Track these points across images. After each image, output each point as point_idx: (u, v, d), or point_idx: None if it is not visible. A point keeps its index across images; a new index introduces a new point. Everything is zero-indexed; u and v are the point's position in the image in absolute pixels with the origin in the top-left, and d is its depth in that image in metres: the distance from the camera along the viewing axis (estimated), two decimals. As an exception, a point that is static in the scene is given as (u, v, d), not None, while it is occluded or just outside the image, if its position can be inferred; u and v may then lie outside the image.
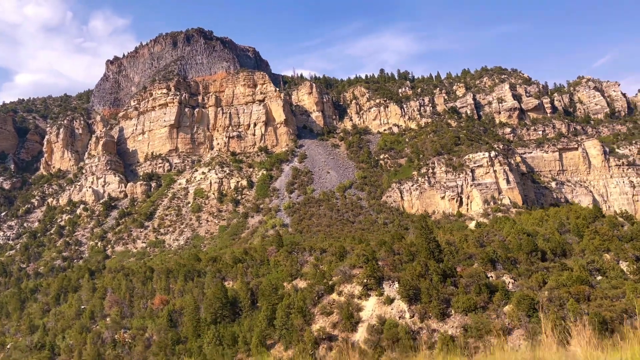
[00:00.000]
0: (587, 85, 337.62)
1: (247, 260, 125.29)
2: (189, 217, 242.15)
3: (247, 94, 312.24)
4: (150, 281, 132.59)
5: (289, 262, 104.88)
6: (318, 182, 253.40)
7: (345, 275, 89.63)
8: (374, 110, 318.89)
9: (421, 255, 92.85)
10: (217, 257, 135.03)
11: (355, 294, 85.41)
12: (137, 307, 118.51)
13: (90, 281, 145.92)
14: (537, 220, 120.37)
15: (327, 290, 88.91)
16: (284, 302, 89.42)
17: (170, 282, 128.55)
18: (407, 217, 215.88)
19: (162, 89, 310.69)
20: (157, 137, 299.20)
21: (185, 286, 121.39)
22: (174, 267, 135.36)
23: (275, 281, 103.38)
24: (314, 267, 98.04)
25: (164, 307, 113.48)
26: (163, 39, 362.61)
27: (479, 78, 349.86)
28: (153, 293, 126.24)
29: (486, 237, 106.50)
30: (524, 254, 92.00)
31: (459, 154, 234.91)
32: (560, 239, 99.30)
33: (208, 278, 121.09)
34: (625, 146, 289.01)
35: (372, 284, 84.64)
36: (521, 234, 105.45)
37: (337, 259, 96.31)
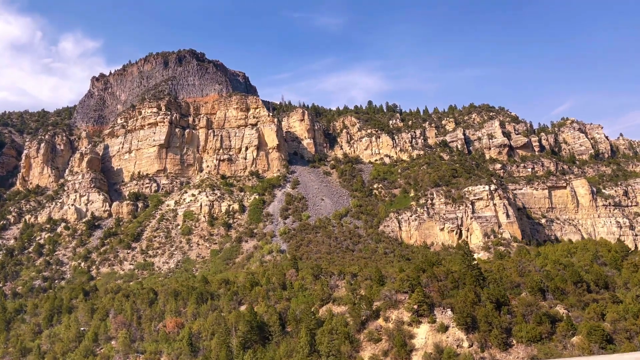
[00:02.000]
0: (571, 127, 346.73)
1: (263, 283, 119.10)
2: (179, 239, 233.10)
3: (239, 117, 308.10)
4: (156, 303, 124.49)
5: (318, 286, 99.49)
6: (312, 208, 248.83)
7: (391, 300, 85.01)
8: (366, 140, 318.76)
9: (467, 282, 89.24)
10: (229, 280, 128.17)
11: (405, 321, 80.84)
12: (148, 330, 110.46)
13: (87, 302, 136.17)
14: (565, 252, 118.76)
15: (372, 316, 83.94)
16: (325, 327, 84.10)
17: (179, 304, 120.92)
18: (407, 247, 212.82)
19: (152, 107, 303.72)
20: (145, 157, 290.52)
21: (199, 309, 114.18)
22: (182, 289, 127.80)
23: (304, 305, 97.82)
24: (351, 292, 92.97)
25: (179, 330, 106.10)
26: (154, 58, 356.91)
27: (467, 114, 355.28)
28: (161, 315, 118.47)
29: (521, 267, 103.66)
30: (570, 284, 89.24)
31: (457, 186, 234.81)
32: (600, 270, 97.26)
33: (224, 301, 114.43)
34: (611, 187, 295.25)
35: (423, 310, 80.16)
36: (557, 264, 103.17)
37: (376, 284, 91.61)
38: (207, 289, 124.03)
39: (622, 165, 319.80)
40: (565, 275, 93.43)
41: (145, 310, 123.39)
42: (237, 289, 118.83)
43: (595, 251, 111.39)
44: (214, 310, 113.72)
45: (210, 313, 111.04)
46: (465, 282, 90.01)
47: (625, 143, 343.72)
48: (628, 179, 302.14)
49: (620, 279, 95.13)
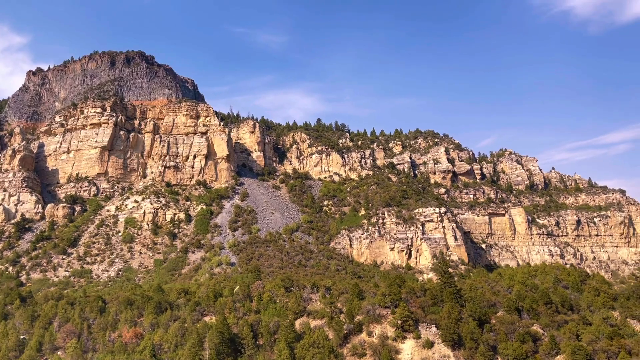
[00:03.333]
0: (510, 158, 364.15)
1: (227, 295, 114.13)
2: (120, 247, 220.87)
3: (188, 124, 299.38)
4: (107, 312, 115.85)
5: (292, 299, 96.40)
6: (262, 222, 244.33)
7: (373, 315, 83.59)
8: (316, 157, 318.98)
9: (445, 299, 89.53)
10: (188, 290, 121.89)
11: (390, 336, 79.60)
12: (102, 340, 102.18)
13: (27, 308, 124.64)
14: (526, 275, 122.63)
15: (354, 330, 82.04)
16: (306, 340, 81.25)
17: (133, 314, 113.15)
18: (357, 265, 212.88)
19: (96, 107, 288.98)
20: (85, 158, 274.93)
21: (158, 319, 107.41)
22: (136, 298, 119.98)
23: (277, 318, 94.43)
24: (328, 305, 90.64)
25: (138, 340, 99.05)
26: (99, 57, 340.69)
27: (413, 139, 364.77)
28: (114, 325, 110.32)
29: (492, 287, 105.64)
30: (542, 305, 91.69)
31: (407, 208, 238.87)
32: (565, 293, 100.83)
33: (186, 312, 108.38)
34: (545, 217, 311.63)
35: (408, 325, 79.30)
36: (524, 286, 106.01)
37: (356, 298, 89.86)
38: (165, 298, 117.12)
39: (554, 197, 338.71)
40: (535, 296, 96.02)
41: (95, 319, 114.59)
42: (199, 299, 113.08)
43: (555, 275, 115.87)
44: (175, 320, 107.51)
45: (172, 324, 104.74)
46: (443, 299, 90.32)
47: (557, 176, 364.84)
48: (559, 210, 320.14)
49: (584, 301, 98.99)
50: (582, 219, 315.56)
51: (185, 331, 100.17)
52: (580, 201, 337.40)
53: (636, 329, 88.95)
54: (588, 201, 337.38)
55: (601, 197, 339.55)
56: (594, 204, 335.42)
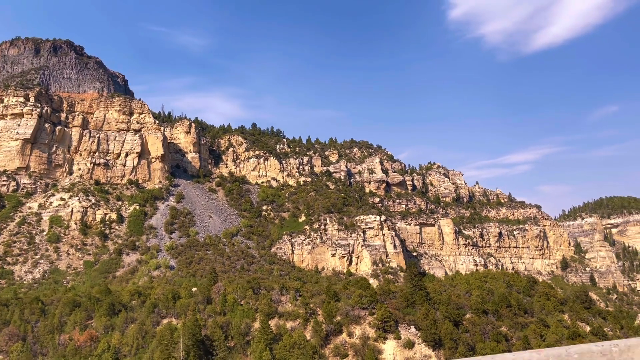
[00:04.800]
0: (438, 171, 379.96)
1: (184, 296, 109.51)
2: (45, 247, 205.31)
3: (121, 120, 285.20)
4: (52, 314, 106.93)
5: (263, 301, 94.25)
6: (200, 225, 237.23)
7: (352, 316, 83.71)
8: (254, 161, 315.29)
9: (417, 301, 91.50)
10: (141, 292, 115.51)
11: (371, 336, 79.89)
12: (50, 344, 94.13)
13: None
14: (478, 280, 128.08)
15: (334, 331, 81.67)
16: (285, 341, 79.74)
17: (81, 316, 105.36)
18: (300, 270, 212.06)
19: (18, 97, 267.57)
20: (5, 150, 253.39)
21: (112, 321, 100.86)
22: (83, 300, 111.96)
23: (248, 319, 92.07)
24: (303, 307, 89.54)
25: (93, 343, 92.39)
26: (22, 43, 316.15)
27: (348, 148, 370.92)
28: (60, 328, 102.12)
29: (453, 291, 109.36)
30: (504, 307, 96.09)
31: (348, 214, 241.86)
32: (519, 297, 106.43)
33: (143, 314, 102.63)
34: (470, 228, 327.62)
35: (389, 326, 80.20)
36: (481, 290, 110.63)
37: (331, 299, 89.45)
38: (118, 299, 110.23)
39: (478, 209, 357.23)
40: (496, 299, 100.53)
41: (38, 321, 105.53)
42: (156, 301, 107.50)
43: (506, 281, 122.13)
44: (131, 323, 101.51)
45: (130, 326, 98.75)
46: (415, 301, 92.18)
47: (480, 190, 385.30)
48: (483, 222, 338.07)
49: (536, 305, 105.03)
50: (503, 232, 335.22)
51: (146, 334, 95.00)
52: (502, 214, 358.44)
53: (586, 330, 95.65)
54: (508, 215, 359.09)
55: (520, 211, 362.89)
56: (513, 217, 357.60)
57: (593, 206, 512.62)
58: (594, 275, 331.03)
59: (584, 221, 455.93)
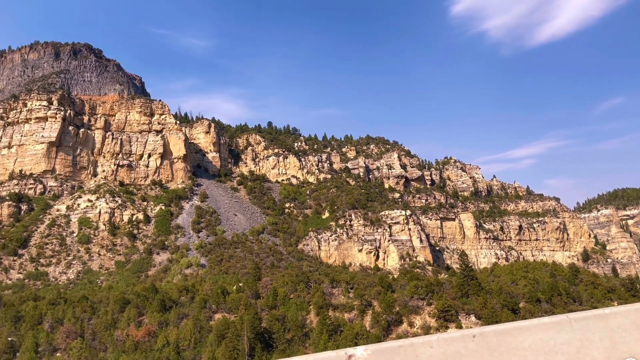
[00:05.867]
0: (455, 166, 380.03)
1: (233, 292, 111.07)
2: (76, 248, 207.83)
3: (142, 122, 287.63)
4: (105, 312, 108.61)
5: (316, 294, 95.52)
6: (226, 223, 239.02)
7: (411, 306, 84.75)
8: (273, 159, 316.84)
9: (471, 291, 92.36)
10: (189, 288, 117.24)
11: (432, 326, 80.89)
12: (108, 340, 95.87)
13: (8, 310, 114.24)
14: (521, 270, 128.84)
15: (395, 322, 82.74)
16: (347, 332, 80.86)
17: (133, 312, 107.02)
18: (328, 266, 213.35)
19: (41, 100, 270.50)
20: (30, 154, 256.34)
21: (165, 317, 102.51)
22: (132, 298, 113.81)
23: (303, 313, 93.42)
24: (358, 298, 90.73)
25: (151, 339, 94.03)
26: (42, 48, 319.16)
27: (365, 144, 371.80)
28: (113, 325, 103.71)
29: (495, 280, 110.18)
30: (556, 296, 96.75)
31: (372, 210, 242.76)
32: (566, 286, 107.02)
33: (195, 309, 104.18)
34: (490, 222, 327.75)
35: (450, 315, 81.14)
36: (527, 280, 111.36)
37: (387, 290, 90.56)
38: (167, 296, 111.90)
39: (497, 203, 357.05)
40: (545, 288, 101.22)
41: (90, 319, 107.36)
42: (206, 297, 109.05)
43: (549, 270, 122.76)
44: (182, 318, 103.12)
45: (184, 321, 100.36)
46: (468, 292, 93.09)
47: (498, 184, 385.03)
48: (503, 216, 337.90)
49: (585, 293, 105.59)
50: (523, 225, 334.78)
51: (201, 328, 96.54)
52: (520, 208, 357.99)
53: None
54: (527, 208, 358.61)
55: (538, 204, 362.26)
56: (532, 210, 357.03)
57: (608, 198, 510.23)
58: (615, 266, 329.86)
59: (600, 213, 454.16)
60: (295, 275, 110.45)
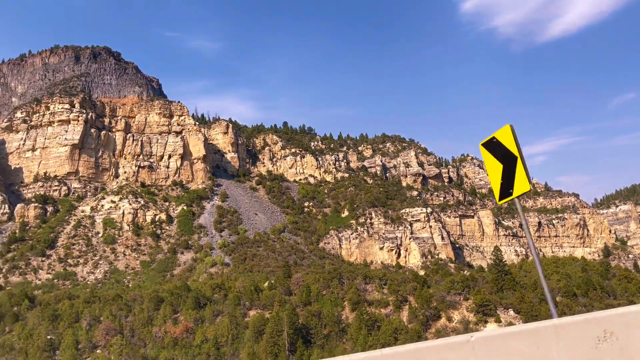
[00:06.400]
0: (472, 163, 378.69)
1: (266, 288, 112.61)
2: (102, 248, 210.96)
3: (162, 123, 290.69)
4: (140, 309, 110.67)
5: (350, 290, 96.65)
6: (247, 222, 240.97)
7: (450, 301, 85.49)
8: (290, 159, 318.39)
9: (506, 286, 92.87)
10: (222, 286, 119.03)
11: (471, 320, 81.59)
12: (147, 336, 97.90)
13: (46, 308, 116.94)
14: (551, 266, 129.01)
15: (433, 316, 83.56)
16: (385, 327, 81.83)
17: (168, 310, 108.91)
18: (350, 264, 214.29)
19: (64, 103, 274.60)
20: (54, 157, 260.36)
21: (201, 314, 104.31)
22: (165, 296, 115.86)
23: (338, 309, 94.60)
24: (393, 294, 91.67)
25: (189, 335, 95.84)
26: (62, 51, 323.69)
27: (381, 142, 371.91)
28: (150, 321, 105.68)
29: (527, 275, 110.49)
30: (592, 290, 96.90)
31: (392, 208, 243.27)
32: (600, 280, 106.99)
33: (229, 306, 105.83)
34: (509, 219, 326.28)
35: (489, 310, 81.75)
36: (557, 274, 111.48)
37: (422, 286, 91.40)
38: (200, 294, 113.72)
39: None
40: (579, 282, 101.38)
41: (127, 316, 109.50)
42: (239, 294, 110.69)
43: (580, 265, 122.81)
44: (217, 315, 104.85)
45: (219, 318, 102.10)
46: (503, 286, 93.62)
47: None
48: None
49: (619, 287, 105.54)
50: (542, 221, 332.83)
51: (237, 325, 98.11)
52: (539, 204, 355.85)
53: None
54: (546, 204, 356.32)
55: (557, 200, 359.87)
56: (551, 206, 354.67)
57: (626, 193, 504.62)
58: (637, 262, 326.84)
59: (618, 209, 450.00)
60: (328, 272, 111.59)
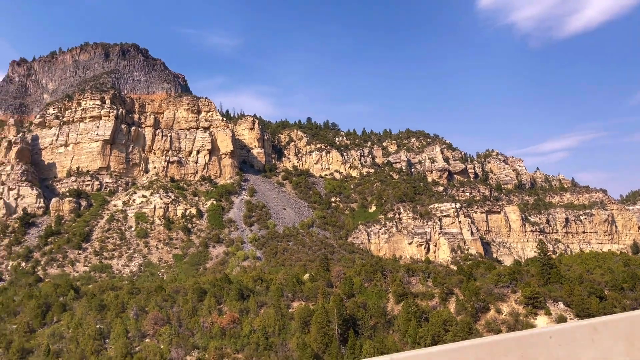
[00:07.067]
0: (497, 158, 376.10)
1: (306, 281, 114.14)
2: (135, 242, 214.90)
3: (190, 119, 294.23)
4: (184, 300, 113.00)
5: (395, 282, 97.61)
6: (276, 217, 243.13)
7: (498, 294, 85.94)
8: (316, 154, 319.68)
9: (552, 279, 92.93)
10: (261, 277, 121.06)
11: (520, 312, 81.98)
12: (195, 326, 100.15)
13: (93, 299, 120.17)
14: (592, 260, 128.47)
15: (482, 309, 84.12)
16: (433, 319, 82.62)
17: (212, 301, 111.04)
18: (379, 259, 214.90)
19: (95, 100, 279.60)
20: (86, 152, 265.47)
21: (244, 305, 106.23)
22: (208, 287, 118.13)
23: (384, 301, 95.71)
24: (438, 286, 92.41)
25: (236, 325, 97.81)
26: (92, 48, 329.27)
27: (406, 138, 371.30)
28: (194, 312, 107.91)
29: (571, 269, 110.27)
30: (638, 283, 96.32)
31: (421, 203, 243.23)
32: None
33: (272, 298, 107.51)
34: (536, 215, 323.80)
35: (539, 302, 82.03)
36: (600, 268, 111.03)
37: (466, 279, 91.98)
38: (243, 286, 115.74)
39: (541, 196, 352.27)
40: (625, 276, 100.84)
41: (172, 307, 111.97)
42: (281, 286, 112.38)
43: (621, 259, 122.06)
44: (261, 307, 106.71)
45: (263, 309, 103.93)
46: (550, 279, 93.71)
47: (541, 176, 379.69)
48: (548, 208, 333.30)
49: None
50: (569, 217, 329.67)
51: (283, 316, 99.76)
52: (566, 200, 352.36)
53: None
54: (573, 200, 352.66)
55: (584, 196, 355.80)
56: (578, 202, 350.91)
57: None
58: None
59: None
60: (370, 265, 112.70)
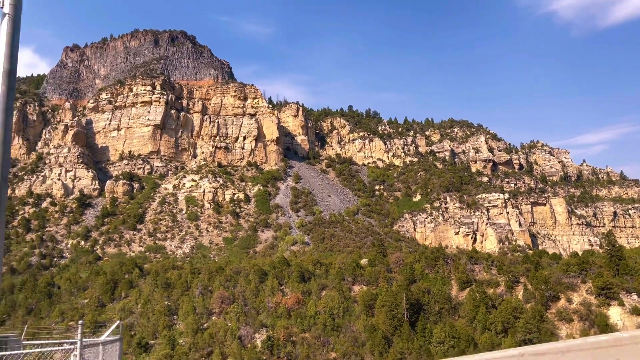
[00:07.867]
0: (542, 150, 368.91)
1: (366, 267, 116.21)
2: (187, 224, 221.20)
3: (237, 105, 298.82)
4: (247, 280, 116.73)
5: (459, 269, 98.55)
6: (321, 204, 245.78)
7: (569, 283, 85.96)
8: (359, 142, 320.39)
9: (622, 270, 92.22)
10: (319, 261, 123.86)
11: (593, 303, 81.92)
12: (260, 306, 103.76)
13: (159, 277, 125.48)
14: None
15: (552, 298, 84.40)
16: (503, 307, 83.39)
17: (274, 282, 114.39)
18: (425, 248, 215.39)
19: (145, 85, 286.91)
20: (137, 136, 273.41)
21: (307, 286, 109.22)
22: (269, 269, 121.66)
23: (447, 287, 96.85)
24: (505, 274, 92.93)
25: (301, 306, 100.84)
26: (142, 35, 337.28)
27: (449, 127, 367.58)
28: (257, 292, 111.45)
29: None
30: None
31: (467, 193, 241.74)
32: None
33: (333, 281, 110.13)
34: (582, 208, 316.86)
35: (612, 293, 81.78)
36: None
37: (534, 268, 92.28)
38: (304, 268, 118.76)
39: (588, 189, 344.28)
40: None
41: (235, 287, 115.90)
42: (341, 270, 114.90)
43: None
44: (322, 289, 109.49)
45: (326, 291, 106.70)
46: (619, 270, 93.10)
47: (588, 169, 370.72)
48: (595, 202, 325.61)
49: None
50: (618, 211, 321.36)
51: (345, 299, 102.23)
52: (614, 193, 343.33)
53: None
54: (621, 193, 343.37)
55: (634, 189, 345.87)
56: (627, 196, 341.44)
57: None
58: None
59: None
60: (430, 252, 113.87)
